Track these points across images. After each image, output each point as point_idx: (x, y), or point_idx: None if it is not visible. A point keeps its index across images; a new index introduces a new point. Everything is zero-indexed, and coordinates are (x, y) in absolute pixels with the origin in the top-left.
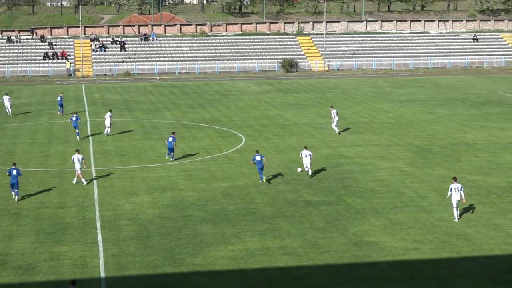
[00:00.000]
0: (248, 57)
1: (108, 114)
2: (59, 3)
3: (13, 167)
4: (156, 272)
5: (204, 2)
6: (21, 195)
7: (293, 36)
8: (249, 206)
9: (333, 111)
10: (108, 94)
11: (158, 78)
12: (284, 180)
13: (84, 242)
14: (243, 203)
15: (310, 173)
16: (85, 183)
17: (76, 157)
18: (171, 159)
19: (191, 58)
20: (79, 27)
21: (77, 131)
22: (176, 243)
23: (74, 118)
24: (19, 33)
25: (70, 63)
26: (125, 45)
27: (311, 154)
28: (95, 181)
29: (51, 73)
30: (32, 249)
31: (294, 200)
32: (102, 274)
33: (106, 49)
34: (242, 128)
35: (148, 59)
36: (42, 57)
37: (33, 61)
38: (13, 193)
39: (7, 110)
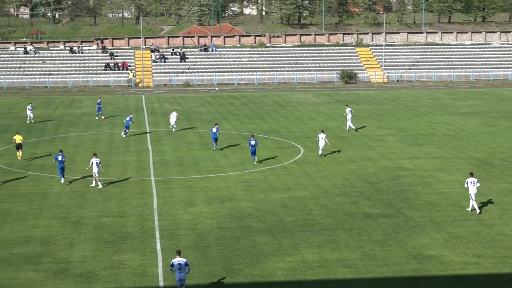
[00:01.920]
0: (307, 68)
1: (174, 113)
2: (121, 15)
3: (60, 153)
4: (213, 282)
5: (263, 13)
6: (83, 204)
7: (352, 47)
8: (307, 217)
9: (348, 109)
10: (168, 104)
11: (217, 89)
12: (343, 192)
13: (143, 251)
14: (301, 214)
15: (320, 153)
16: (100, 186)
17: (94, 160)
18: (214, 148)
19: (250, 69)
20: (139, 38)
21: (126, 130)
22: (234, 253)
23: (128, 118)
24: (81, 44)
25: (132, 74)
26: (185, 56)
27: (326, 137)
28: (154, 191)
29: (112, 84)
30: (92, 257)
31: (353, 212)
32: (161, 283)
33: (166, 60)
34: (301, 139)
35: (208, 70)
36: (103, 68)
37: (95, 72)
38: (61, 177)
39: (28, 118)
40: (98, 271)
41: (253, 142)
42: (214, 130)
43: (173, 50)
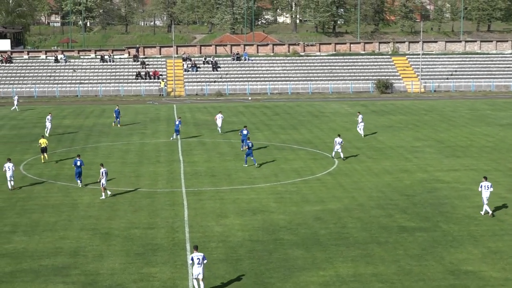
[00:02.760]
0: (342, 78)
1: (219, 115)
2: (152, 23)
3: (77, 158)
4: None
5: (297, 21)
6: (113, 215)
7: (388, 56)
8: (341, 230)
9: (360, 116)
10: (200, 114)
11: (249, 98)
12: (378, 204)
13: (173, 263)
14: (335, 227)
15: (338, 155)
16: (103, 197)
17: (103, 170)
18: (241, 149)
19: (283, 79)
20: (171, 46)
21: (177, 134)
22: (266, 267)
23: (177, 122)
24: (112, 53)
25: (164, 83)
26: (217, 65)
27: (342, 141)
28: (185, 202)
29: (143, 93)
30: (122, 269)
31: (388, 226)
32: None
33: (198, 69)
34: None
35: (240, 79)
36: (134, 77)
37: (126, 81)
38: (78, 181)
39: (46, 129)
40: (127, 284)
41: (245, 132)
42: (245, 132)
43: (205, 58)
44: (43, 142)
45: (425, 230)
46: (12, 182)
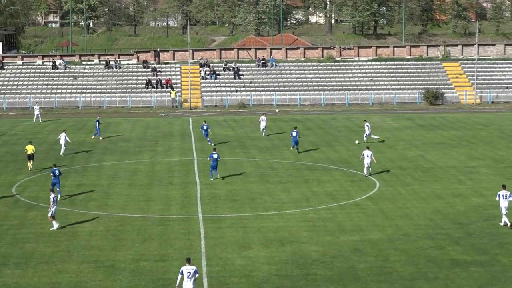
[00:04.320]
0: (384, 87)
1: (263, 117)
2: (165, 23)
3: (55, 168)
4: None
5: (332, 21)
6: (119, 246)
7: (438, 62)
8: (383, 264)
9: (367, 124)
10: (219, 128)
11: (277, 110)
12: (426, 234)
13: None
14: (376, 260)
15: (369, 171)
16: (54, 227)
17: (52, 196)
18: (297, 151)
19: (316, 88)
20: (187, 50)
21: (208, 139)
22: None
23: (205, 127)
24: (118, 58)
25: (175, 93)
26: (240, 72)
27: (372, 154)
28: (202, 231)
29: (154, 104)
30: None
31: (438, 259)
32: None
33: (218, 76)
34: (377, 173)
35: (266, 88)
36: (144, 85)
37: (134, 90)
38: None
39: (61, 148)
40: None
41: (215, 156)
42: (294, 133)
43: (225, 64)
44: (29, 148)
45: (481, 264)
46: None
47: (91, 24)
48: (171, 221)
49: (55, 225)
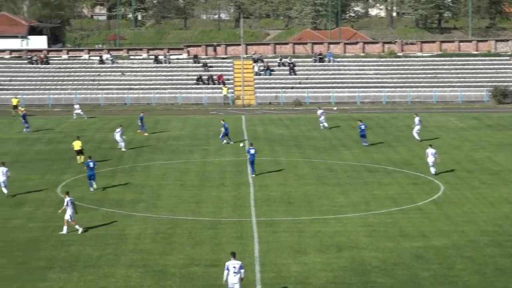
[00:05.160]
0: (449, 84)
1: (320, 111)
2: (217, 16)
3: (90, 160)
4: None
5: (394, 14)
6: (169, 249)
7: (507, 57)
8: (447, 272)
9: (417, 118)
10: (273, 127)
11: (335, 108)
12: (494, 241)
13: None
14: (441, 268)
15: (433, 171)
16: (64, 232)
17: (68, 199)
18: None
19: (376, 84)
20: (239, 45)
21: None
22: None
23: (226, 126)
24: (168, 52)
25: (227, 90)
26: (295, 68)
27: (436, 152)
28: (255, 235)
29: (205, 101)
30: None
31: (507, 268)
32: None
33: (272, 72)
34: (440, 174)
35: (323, 85)
36: (195, 81)
37: (184, 86)
38: (91, 186)
39: (120, 146)
40: None
41: (252, 151)
42: (363, 127)
43: (280, 60)
44: (76, 145)
45: None
46: (5, 190)
47: (139, 17)
48: (223, 224)
49: (65, 230)
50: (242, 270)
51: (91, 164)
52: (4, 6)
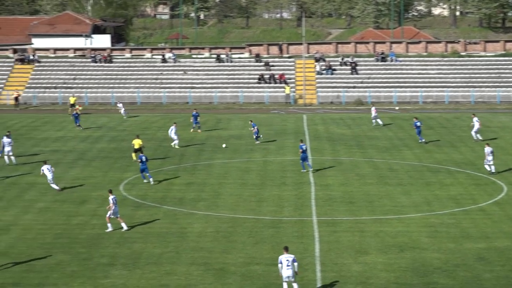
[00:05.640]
0: None
1: (374, 108)
2: (279, 15)
3: (142, 155)
4: None
5: (457, 13)
6: (229, 248)
7: None
8: (510, 274)
9: (475, 119)
10: (335, 126)
11: (397, 108)
12: None
13: None
14: (503, 270)
15: (491, 168)
16: (109, 228)
17: (112, 198)
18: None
19: (439, 84)
20: (301, 44)
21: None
22: None
23: (256, 127)
24: (230, 51)
25: (290, 89)
26: (357, 67)
27: (492, 151)
28: (316, 234)
29: (267, 100)
30: None
31: None
32: None
33: (334, 72)
34: (503, 174)
35: (385, 85)
36: (256, 80)
37: (246, 85)
38: (145, 179)
39: (173, 140)
40: None
41: (304, 147)
42: (418, 124)
43: (342, 59)
44: (136, 143)
45: None
46: (55, 186)
47: (201, 16)
48: (283, 223)
49: (110, 227)
50: (296, 264)
51: (143, 158)
52: (69, 5)
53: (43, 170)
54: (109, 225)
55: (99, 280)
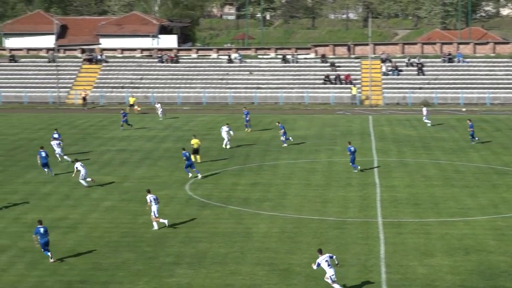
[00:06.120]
0: None
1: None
2: (345, 16)
3: (185, 151)
4: None
5: None
6: (294, 248)
7: None
8: None
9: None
10: (401, 128)
11: (463, 109)
12: None
13: None
14: None
15: None
16: (155, 227)
17: (150, 197)
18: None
19: (507, 86)
20: (367, 44)
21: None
22: None
23: (283, 128)
24: (296, 52)
25: (356, 89)
26: (423, 68)
27: None
28: (381, 236)
29: (332, 101)
30: None
31: None
32: None
33: (400, 73)
34: None
35: (452, 86)
36: (322, 81)
37: (312, 86)
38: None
39: (224, 142)
40: None
41: (352, 149)
42: (471, 126)
43: (408, 60)
44: (194, 143)
45: None
46: (84, 182)
47: (267, 16)
48: (348, 225)
49: (156, 226)
50: (334, 257)
51: (188, 154)
52: (136, 5)
53: (77, 167)
54: (154, 223)
55: (165, 279)
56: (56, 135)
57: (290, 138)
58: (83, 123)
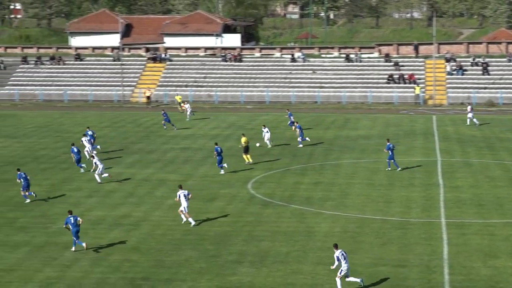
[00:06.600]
0: None
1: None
2: (409, 15)
3: (217, 146)
4: None
5: None
6: (357, 248)
7: None
8: None
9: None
10: (465, 128)
11: None
12: None
13: None
14: None
15: None
16: (193, 222)
17: (181, 193)
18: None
19: None
20: (431, 44)
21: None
22: None
23: (300, 127)
24: (359, 51)
25: (420, 89)
26: (488, 68)
27: None
28: (444, 236)
29: (396, 100)
30: None
31: None
32: None
33: (465, 72)
34: None
35: None
36: (385, 80)
37: (375, 85)
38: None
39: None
40: None
41: (392, 146)
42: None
43: (473, 59)
44: (243, 141)
45: None
46: (98, 178)
47: (331, 15)
48: (411, 225)
49: (192, 221)
50: (344, 254)
51: (219, 149)
52: (200, 4)
53: (95, 162)
54: (182, 216)
55: (227, 277)
56: (90, 132)
57: (307, 138)
58: (147, 121)
